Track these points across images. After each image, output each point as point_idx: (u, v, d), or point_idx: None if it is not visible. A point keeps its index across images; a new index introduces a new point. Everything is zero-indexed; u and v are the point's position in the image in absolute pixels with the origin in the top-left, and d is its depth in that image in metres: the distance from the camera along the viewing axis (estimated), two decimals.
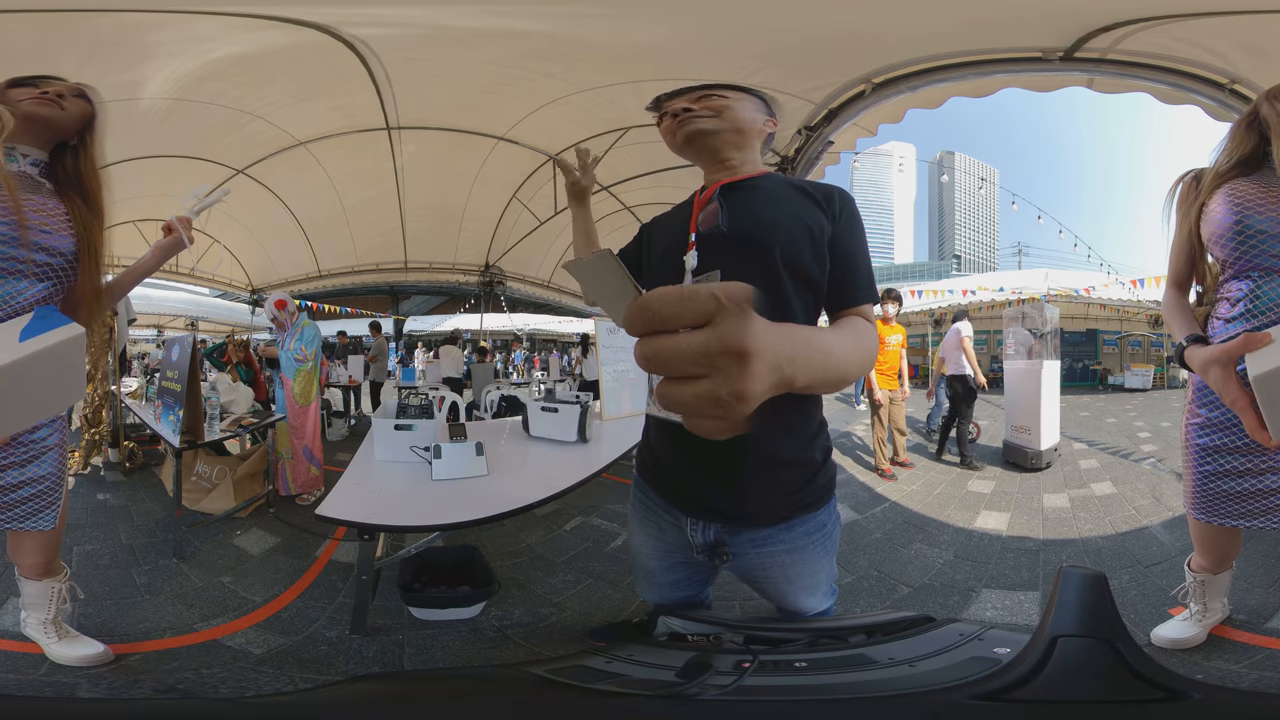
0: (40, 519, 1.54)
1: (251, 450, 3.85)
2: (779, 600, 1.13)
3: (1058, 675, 0.64)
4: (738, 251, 0.96)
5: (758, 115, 1.08)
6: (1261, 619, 1.99)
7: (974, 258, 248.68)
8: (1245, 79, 2.67)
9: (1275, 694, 1.67)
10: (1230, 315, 1.39)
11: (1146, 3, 2.46)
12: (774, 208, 0.97)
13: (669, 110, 1.07)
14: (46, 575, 1.70)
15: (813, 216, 0.97)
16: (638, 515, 1.17)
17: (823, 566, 1.09)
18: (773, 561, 1.05)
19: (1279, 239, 1.30)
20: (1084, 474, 4.39)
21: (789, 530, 1.02)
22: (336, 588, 2.39)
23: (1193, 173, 1.48)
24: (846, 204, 0.99)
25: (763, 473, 0.98)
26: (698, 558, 1.08)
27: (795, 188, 1.02)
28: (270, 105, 4.05)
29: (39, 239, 1.38)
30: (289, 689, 1.74)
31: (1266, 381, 0.94)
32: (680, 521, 1.07)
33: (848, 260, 0.97)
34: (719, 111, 1.04)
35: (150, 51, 3.11)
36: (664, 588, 1.18)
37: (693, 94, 1.06)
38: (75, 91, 1.47)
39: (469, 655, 1.95)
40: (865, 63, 3.15)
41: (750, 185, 1.03)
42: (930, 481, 4.27)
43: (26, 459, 1.50)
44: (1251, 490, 1.46)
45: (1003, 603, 2.34)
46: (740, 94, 1.07)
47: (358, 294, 8.49)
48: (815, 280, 0.96)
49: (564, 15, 2.90)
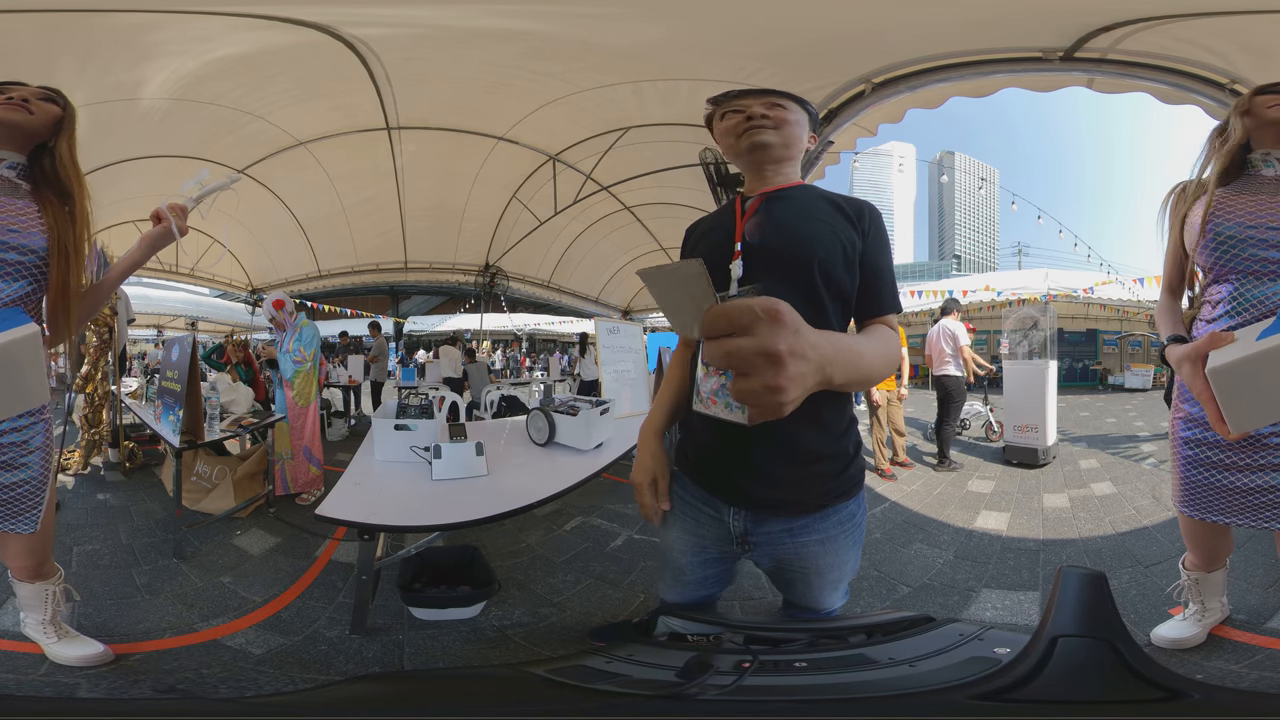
0: (21, 521, 1.52)
1: (251, 450, 3.85)
2: (803, 595, 1.16)
3: (1058, 675, 0.64)
4: (779, 262, 1.02)
5: (806, 131, 1.15)
6: (1261, 619, 1.99)
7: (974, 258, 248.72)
8: (1245, 79, 2.67)
9: (1275, 694, 1.67)
10: (1213, 317, 1.46)
11: (1146, 3, 2.46)
12: (813, 223, 1.05)
13: (740, 110, 1.10)
14: (38, 578, 1.69)
15: (846, 233, 1.05)
16: (676, 511, 1.19)
17: (850, 558, 1.14)
18: (807, 551, 1.09)
19: (1250, 243, 1.38)
20: (1084, 474, 4.39)
21: (823, 520, 1.08)
22: (336, 588, 2.39)
23: (1182, 184, 1.56)
24: (875, 221, 1.08)
25: (801, 463, 1.05)
26: (734, 548, 1.13)
27: (830, 202, 1.09)
28: (270, 105, 4.05)
29: (6, 238, 1.39)
30: (289, 689, 1.74)
31: (1220, 375, 0.99)
32: (721, 513, 1.11)
33: (875, 274, 1.06)
34: (780, 125, 1.09)
35: (150, 51, 3.11)
36: (691, 586, 1.22)
37: (763, 99, 1.10)
38: (42, 95, 1.48)
39: (469, 655, 1.95)
40: (865, 63, 3.15)
41: (790, 197, 1.09)
42: (930, 481, 4.27)
43: (7, 461, 1.48)
44: (1234, 486, 1.49)
45: (1003, 603, 2.34)
46: (800, 108, 1.13)
47: (358, 294, 8.50)
48: (847, 291, 1.04)
49: (564, 15, 2.90)
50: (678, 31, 2.98)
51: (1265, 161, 1.43)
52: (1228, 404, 1.01)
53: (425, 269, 7.45)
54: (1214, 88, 2.73)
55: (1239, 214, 1.39)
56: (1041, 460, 4.63)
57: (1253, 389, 1.01)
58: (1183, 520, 1.69)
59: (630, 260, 7.96)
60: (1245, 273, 1.40)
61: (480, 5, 2.86)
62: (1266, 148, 1.43)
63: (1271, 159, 1.43)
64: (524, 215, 6.20)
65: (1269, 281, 1.38)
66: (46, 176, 1.49)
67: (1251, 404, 1.02)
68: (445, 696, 0.78)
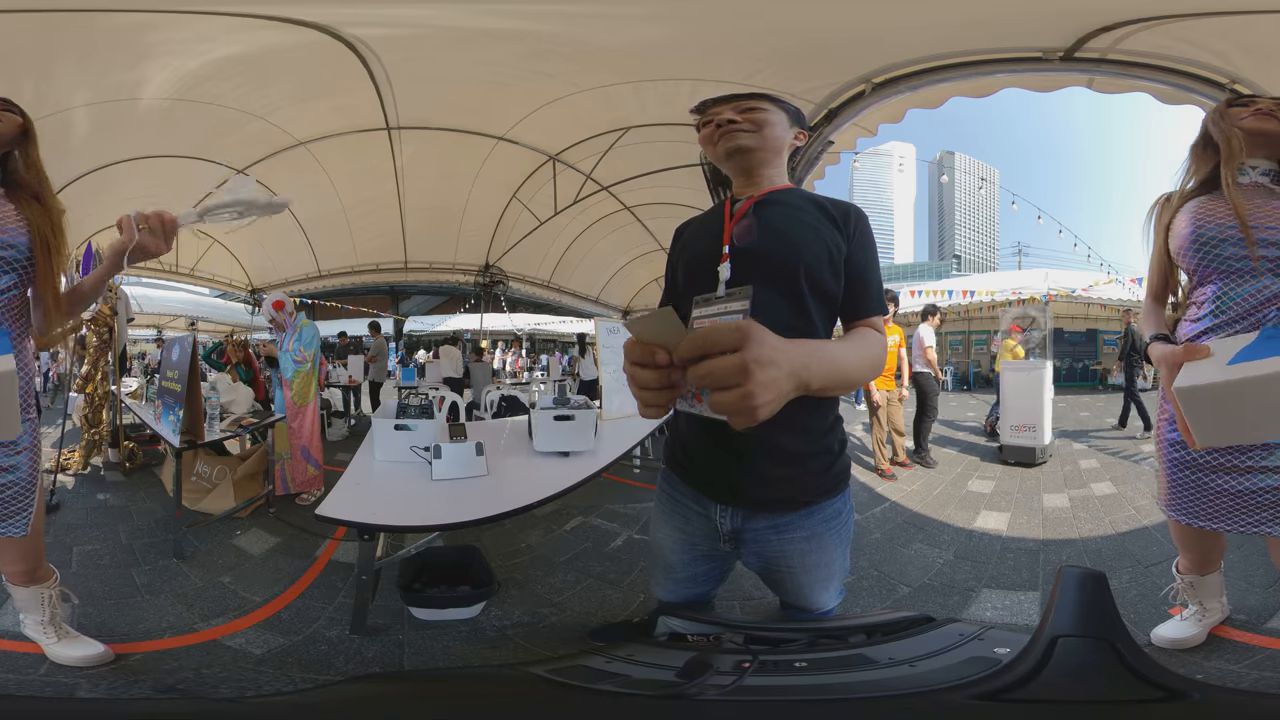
0: (11, 524, 1.52)
1: (251, 450, 3.85)
2: (794, 594, 1.17)
3: (1058, 675, 0.64)
4: (766, 266, 1.03)
5: (790, 131, 1.15)
6: (1261, 619, 1.99)
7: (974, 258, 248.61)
8: (1245, 79, 2.67)
9: (1275, 694, 1.67)
10: (1198, 317, 1.52)
11: (1146, 3, 2.46)
12: (799, 228, 1.06)
13: (713, 117, 1.12)
14: (32, 582, 1.69)
15: (831, 237, 1.06)
16: (664, 509, 1.21)
17: (837, 556, 1.15)
18: (793, 549, 1.10)
19: (1230, 243, 1.45)
20: (1084, 474, 4.40)
21: (808, 517, 1.09)
22: (336, 588, 2.39)
23: (1166, 195, 1.63)
24: (860, 223, 1.09)
25: (786, 463, 1.07)
26: (722, 546, 1.14)
27: (817, 206, 1.10)
28: (270, 105, 4.05)
29: None
30: (289, 689, 1.74)
31: (1185, 395, 1.08)
32: (709, 510, 1.13)
33: (860, 277, 1.07)
34: (760, 126, 1.09)
35: (150, 51, 3.11)
36: (682, 583, 1.23)
37: (736, 102, 1.10)
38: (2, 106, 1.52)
39: (469, 655, 1.95)
40: (865, 63, 3.15)
41: (778, 202, 1.10)
42: (930, 481, 4.27)
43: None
44: (1220, 488, 1.51)
45: (1003, 603, 2.34)
46: (778, 108, 1.12)
47: (358, 294, 8.49)
48: (832, 295, 1.06)
49: (564, 15, 2.90)
50: (678, 31, 2.97)
51: (1241, 170, 1.50)
52: (1193, 421, 1.09)
53: (425, 269, 7.44)
54: (1214, 88, 2.73)
55: (1219, 217, 1.46)
56: (1039, 459, 4.70)
57: (1216, 412, 1.09)
58: (1172, 525, 1.70)
59: (630, 260, 7.96)
60: (1227, 273, 1.47)
61: (480, 5, 2.86)
62: (1241, 158, 1.50)
63: (1246, 167, 1.50)
64: (524, 215, 6.20)
65: (1250, 280, 1.44)
66: (18, 180, 1.54)
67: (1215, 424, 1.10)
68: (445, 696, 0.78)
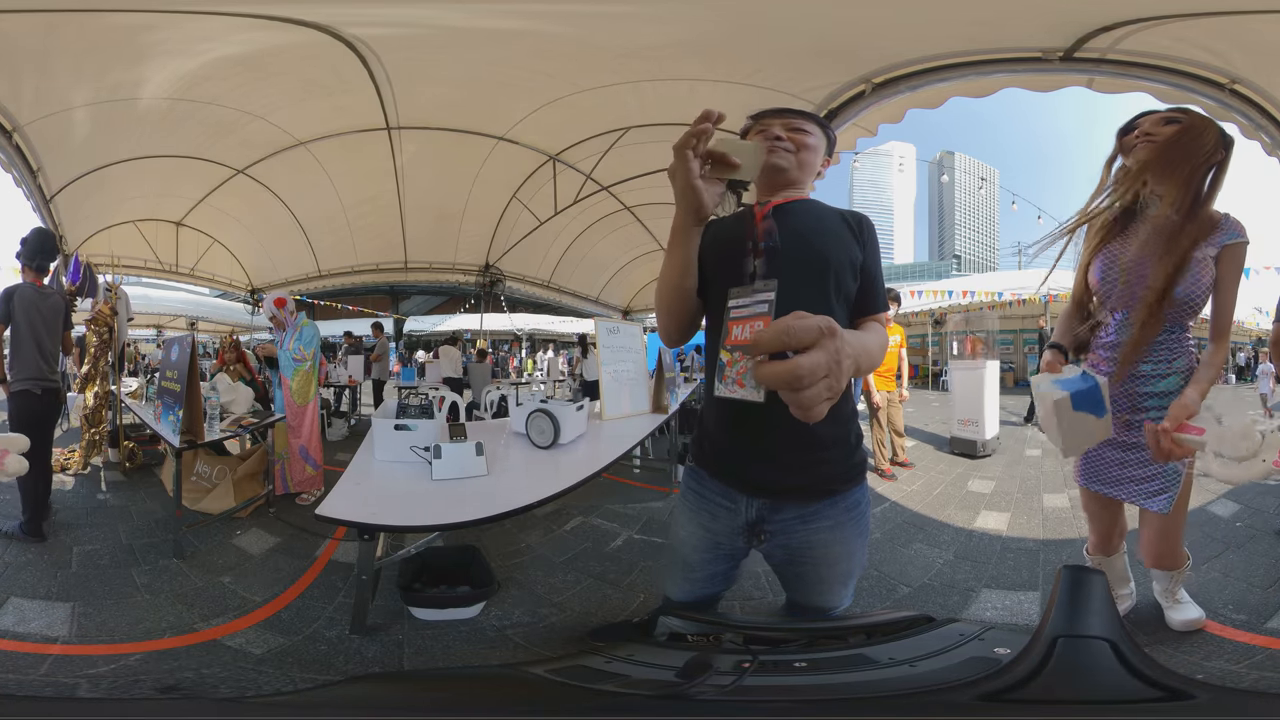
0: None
1: (251, 450, 3.85)
2: (813, 588, 1.20)
3: (1058, 675, 0.64)
4: (795, 266, 1.12)
5: (822, 156, 1.25)
6: (1261, 619, 1.99)
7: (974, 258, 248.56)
8: (1245, 79, 2.68)
9: (1275, 694, 1.67)
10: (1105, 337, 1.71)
11: (1146, 3, 2.46)
12: (826, 235, 1.18)
13: (764, 127, 1.21)
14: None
15: (850, 243, 1.18)
16: (690, 507, 1.24)
17: (857, 548, 1.20)
18: (818, 539, 1.15)
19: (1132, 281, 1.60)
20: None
21: (832, 506, 1.15)
22: (336, 588, 2.39)
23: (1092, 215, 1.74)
24: (870, 231, 1.22)
25: (812, 449, 1.13)
26: (746, 543, 1.19)
27: (837, 215, 1.22)
28: (270, 105, 4.05)
29: None
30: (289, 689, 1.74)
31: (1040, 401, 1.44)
32: (737, 504, 1.17)
33: (870, 279, 1.20)
34: (799, 149, 1.20)
35: (149, 51, 3.11)
36: (699, 583, 1.26)
37: (786, 119, 1.21)
38: None
39: (469, 655, 1.95)
40: (865, 63, 3.15)
41: (803, 210, 1.20)
42: (930, 481, 4.27)
43: None
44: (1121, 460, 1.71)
45: (1003, 603, 2.34)
46: (822, 133, 1.24)
47: (358, 294, 8.49)
48: (850, 294, 1.18)
49: (564, 15, 2.90)
50: (678, 31, 2.98)
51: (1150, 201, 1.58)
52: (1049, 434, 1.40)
53: (425, 269, 7.44)
54: (1214, 88, 2.74)
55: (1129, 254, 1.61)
56: (980, 452, 5.01)
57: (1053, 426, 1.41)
58: (1082, 496, 1.91)
59: (630, 260, 7.96)
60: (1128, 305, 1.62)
61: (480, 5, 2.87)
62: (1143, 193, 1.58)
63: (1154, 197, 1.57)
64: (524, 215, 6.20)
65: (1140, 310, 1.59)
66: None
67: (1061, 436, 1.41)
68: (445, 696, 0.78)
